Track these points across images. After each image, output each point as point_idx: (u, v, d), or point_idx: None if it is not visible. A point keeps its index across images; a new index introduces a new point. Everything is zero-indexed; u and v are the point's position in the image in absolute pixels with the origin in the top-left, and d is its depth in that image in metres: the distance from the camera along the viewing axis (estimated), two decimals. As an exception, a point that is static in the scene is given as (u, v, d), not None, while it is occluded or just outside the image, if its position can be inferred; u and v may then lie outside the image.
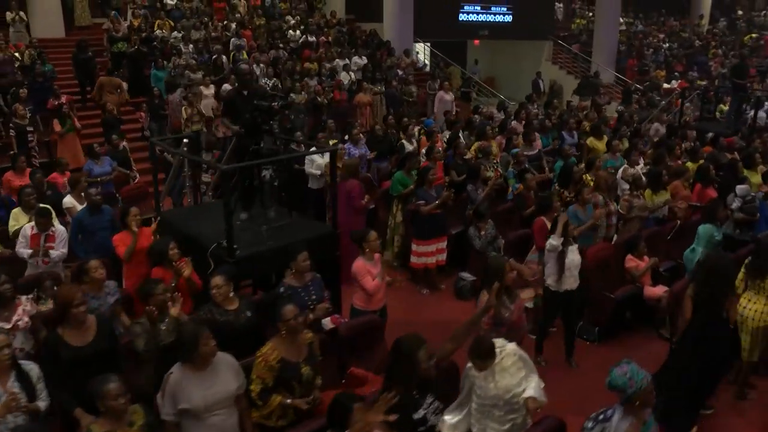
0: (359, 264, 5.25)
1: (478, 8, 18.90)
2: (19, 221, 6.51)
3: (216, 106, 11.62)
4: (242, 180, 6.16)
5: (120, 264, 5.97)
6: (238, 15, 16.41)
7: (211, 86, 12.23)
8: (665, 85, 18.18)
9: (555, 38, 20.22)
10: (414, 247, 7.25)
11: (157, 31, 14.44)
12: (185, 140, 6.95)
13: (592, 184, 7.09)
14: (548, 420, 3.92)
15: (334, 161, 5.96)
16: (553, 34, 20.23)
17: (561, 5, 22.72)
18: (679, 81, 17.98)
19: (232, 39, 14.58)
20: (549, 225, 6.02)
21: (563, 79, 19.85)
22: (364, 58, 14.98)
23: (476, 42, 20.47)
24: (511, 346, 3.94)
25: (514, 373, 3.81)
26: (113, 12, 14.91)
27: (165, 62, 12.79)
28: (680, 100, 15.19)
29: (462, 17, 18.73)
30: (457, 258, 7.60)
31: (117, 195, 8.65)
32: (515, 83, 20.28)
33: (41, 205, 6.34)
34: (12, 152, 9.35)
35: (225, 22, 15.75)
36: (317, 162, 8.57)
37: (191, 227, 6.16)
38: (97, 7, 16.50)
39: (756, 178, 8.33)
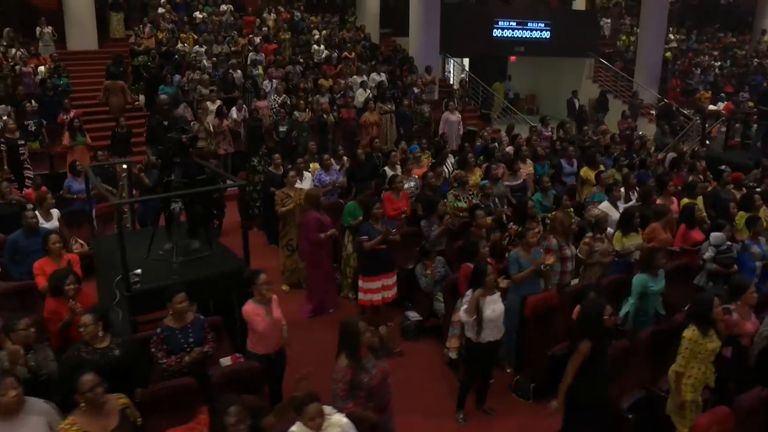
0: (248, 307, 4.94)
1: (514, 24, 18.25)
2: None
3: (217, 123, 11.59)
4: (162, 210, 6.00)
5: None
6: (265, 29, 16.44)
7: (217, 101, 12.20)
8: (710, 107, 16.98)
9: (597, 55, 19.25)
10: (360, 282, 6.86)
11: (179, 45, 14.61)
12: (125, 165, 6.82)
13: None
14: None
15: (243, 194, 5.70)
16: (594, 51, 19.27)
17: (609, 21, 21.66)
18: (725, 103, 16.75)
19: (250, 53, 14.57)
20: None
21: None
22: (382, 74, 14.65)
23: (512, 58, 19.80)
24: (338, 417, 3.60)
25: None
26: (149, 24, 15.30)
27: (173, 77, 12.83)
28: (716, 126, 14.19)
29: (496, 33, 18.14)
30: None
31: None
32: (555, 101, 19.54)
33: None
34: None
35: (250, 36, 15.79)
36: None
37: (115, 255, 6.02)
38: (134, 20, 17.00)
39: (755, 222, 7.48)
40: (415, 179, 8.60)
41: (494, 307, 5.22)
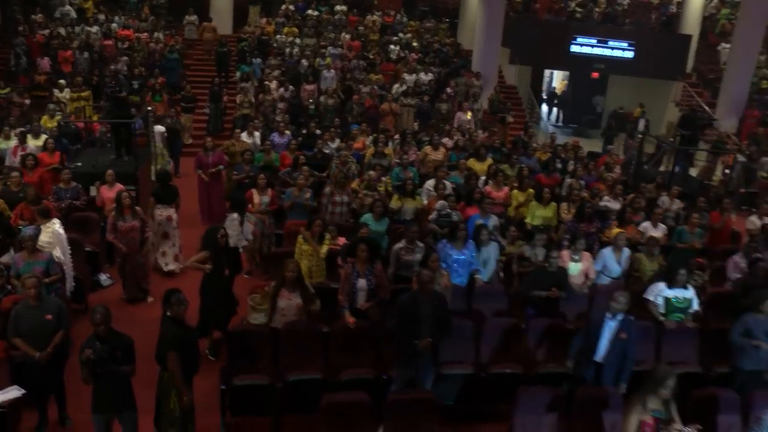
0: (101, 186, 9.17)
1: (594, 41, 19.96)
2: None
3: (262, 98, 15.94)
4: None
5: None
6: (361, 28, 20.55)
7: (274, 82, 16.57)
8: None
9: (683, 79, 20.11)
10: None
11: (277, 36, 19.34)
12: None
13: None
14: None
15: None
16: (682, 74, 20.12)
17: (728, 46, 21.80)
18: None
19: (329, 47, 18.76)
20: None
21: (681, 122, 19.75)
22: (430, 74, 17.88)
23: (595, 75, 21.32)
24: (56, 227, 7.54)
25: None
26: (265, 18, 20.49)
27: (252, 60, 17.52)
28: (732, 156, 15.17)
29: (574, 49, 20.02)
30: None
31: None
32: (651, 119, 20.73)
33: None
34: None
35: (343, 34, 20.00)
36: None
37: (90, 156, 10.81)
38: (271, 12, 22.23)
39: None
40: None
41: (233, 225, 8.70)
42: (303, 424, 6.18)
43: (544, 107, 25.14)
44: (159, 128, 13.10)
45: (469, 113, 15.94)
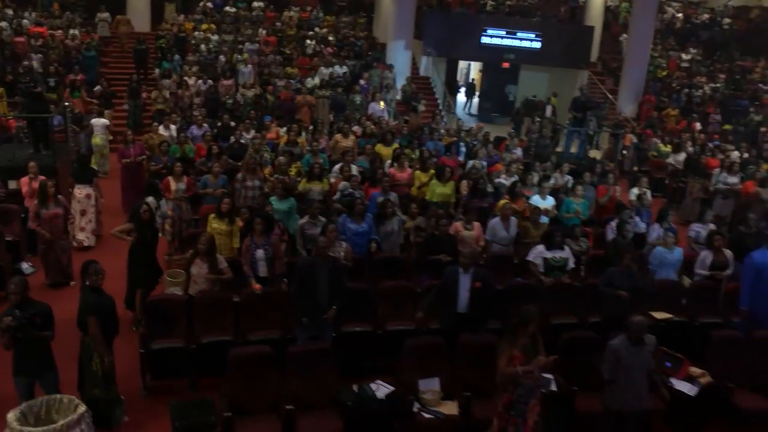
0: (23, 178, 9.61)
1: (503, 33, 21.21)
2: None
3: (180, 94, 16.41)
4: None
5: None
6: (278, 24, 21.19)
7: (193, 78, 17.06)
8: (674, 126, 18.87)
9: (586, 67, 21.61)
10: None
11: (196, 33, 19.79)
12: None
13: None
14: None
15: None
16: (585, 63, 21.61)
17: (626, 36, 23.53)
18: (685, 122, 18.64)
19: (246, 43, 19.35)
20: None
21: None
22: (344, 67, 18.72)
23: (505, 64, 22.62)
24: None
25: None
26: (182, 15, 20.83)
27: (173, 57, 17.96)
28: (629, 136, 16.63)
29: (484, 40, 21.21)
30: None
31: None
32: (559, 108, 22.15)
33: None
34: None
35: (260, 30, 20.60)
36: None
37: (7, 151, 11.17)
38: (188, 10, 22.58)
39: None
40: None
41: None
42: (217, 383, 6.84)
43: (463, 97, 26.34)
44: (104, 121, 14.12)
45: (382, 103, 16.83)
